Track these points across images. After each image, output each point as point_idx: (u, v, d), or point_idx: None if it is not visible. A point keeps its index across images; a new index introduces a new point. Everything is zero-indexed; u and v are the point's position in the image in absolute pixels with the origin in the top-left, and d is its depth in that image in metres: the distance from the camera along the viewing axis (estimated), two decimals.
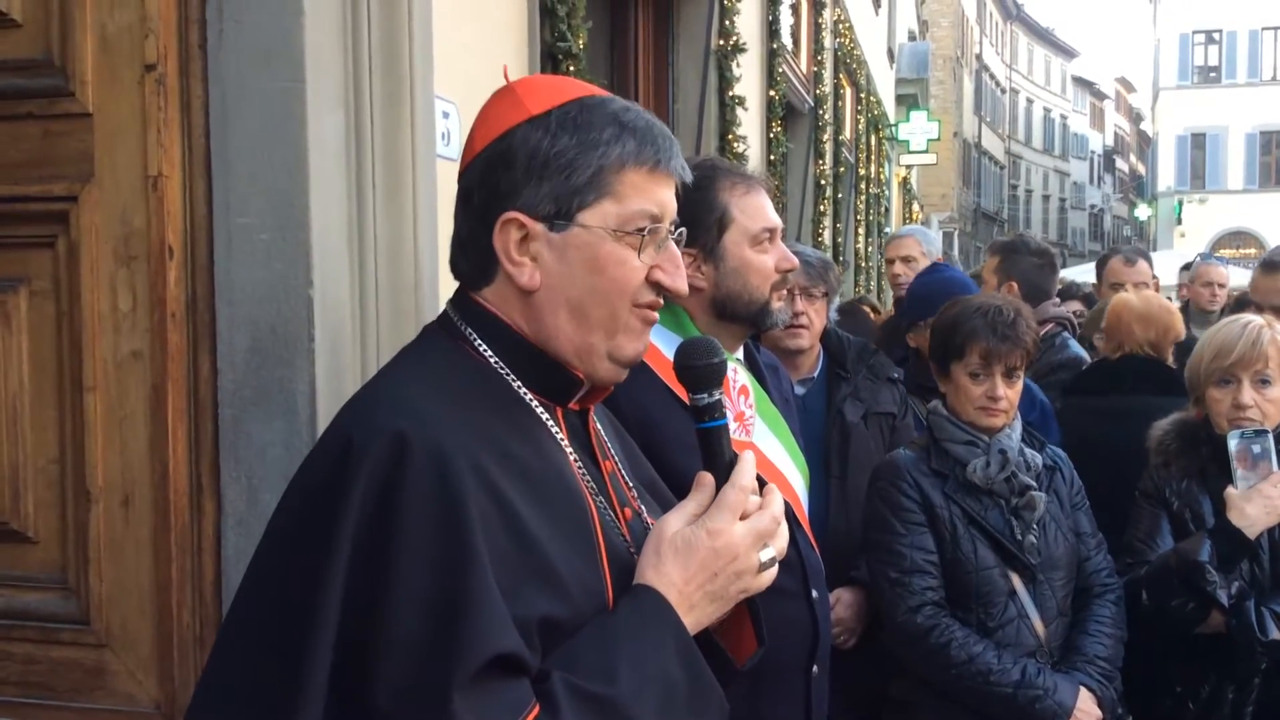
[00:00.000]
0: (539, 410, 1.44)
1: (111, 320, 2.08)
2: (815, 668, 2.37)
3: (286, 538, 1.34)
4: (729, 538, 1.36)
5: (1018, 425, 2.88)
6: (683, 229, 1.50)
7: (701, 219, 2.30)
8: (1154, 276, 5.12)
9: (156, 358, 2.06)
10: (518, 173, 1.39)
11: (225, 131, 2.05)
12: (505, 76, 1.49)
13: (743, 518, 1.38)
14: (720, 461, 1.42)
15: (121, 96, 2.07)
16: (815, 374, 3.31)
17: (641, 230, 1.41)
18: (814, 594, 2.37)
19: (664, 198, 1.44)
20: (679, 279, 1.47)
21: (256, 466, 2.06)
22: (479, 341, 1.44)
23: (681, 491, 1.47)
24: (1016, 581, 2.75)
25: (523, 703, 1.20)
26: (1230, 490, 2.83)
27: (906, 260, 5.48)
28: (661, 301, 1.48)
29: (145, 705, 2.10)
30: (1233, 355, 2.91)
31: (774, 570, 1.42)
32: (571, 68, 3.72)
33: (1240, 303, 3.54)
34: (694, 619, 1.35)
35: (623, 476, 1.56)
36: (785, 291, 2.57)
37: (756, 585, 1.40)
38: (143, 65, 2.05)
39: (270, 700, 1.23)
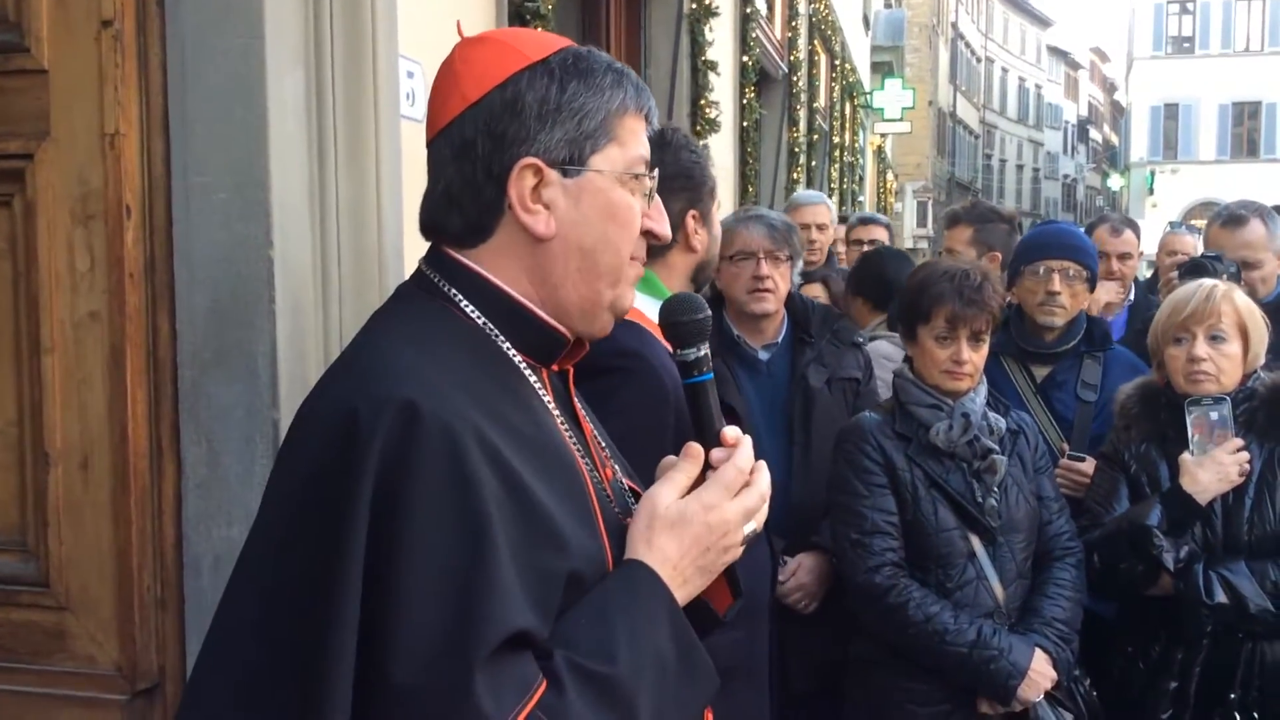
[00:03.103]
0: (527, 372, 1.42)
1: (69, 281, 2.06)
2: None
3: (294, 519, 1.28)
4: (722, 514, 1.37)
5: (982, 389, 2.90)
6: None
7: (701, 185, 2.36)
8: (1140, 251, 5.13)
9: (115, 319, 2.04)
10: (529, 119, 1.36)
11: (183, 89, 2.03)
12: (460, 32, 1.47)
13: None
14: (707, 415, 1.43)
15: (78, 53, 2.03)
16: (779, 339, 3.32)
17: (641, 175, 1.43)
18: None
19: (648, 144, 1.46)
20: (664, 225, 1.49)
21: (217, 429, 2.05)
22: (464, 302, 1.40)
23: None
24: (976, 543, 2.78)
25: (531, 680, 1.19)
26: (1185, 456, 2.86)
27: (822, 228, 5.51)
28: (645, 254, 1.48)
29: (106, 668, 2.09)
30: (1186, 310, 2.94)
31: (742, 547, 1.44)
32: (540, 28, 3.68)
33: (1198, 266, 3.54)
34: (684, 593, 1.36)
35: (599, 438, 1.56)
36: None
37: (736, 557, 1.42)
38: (99, 21, 2.02)
39: (294, 683, 1.20)
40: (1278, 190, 19.06)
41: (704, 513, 1.36)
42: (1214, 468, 2.83)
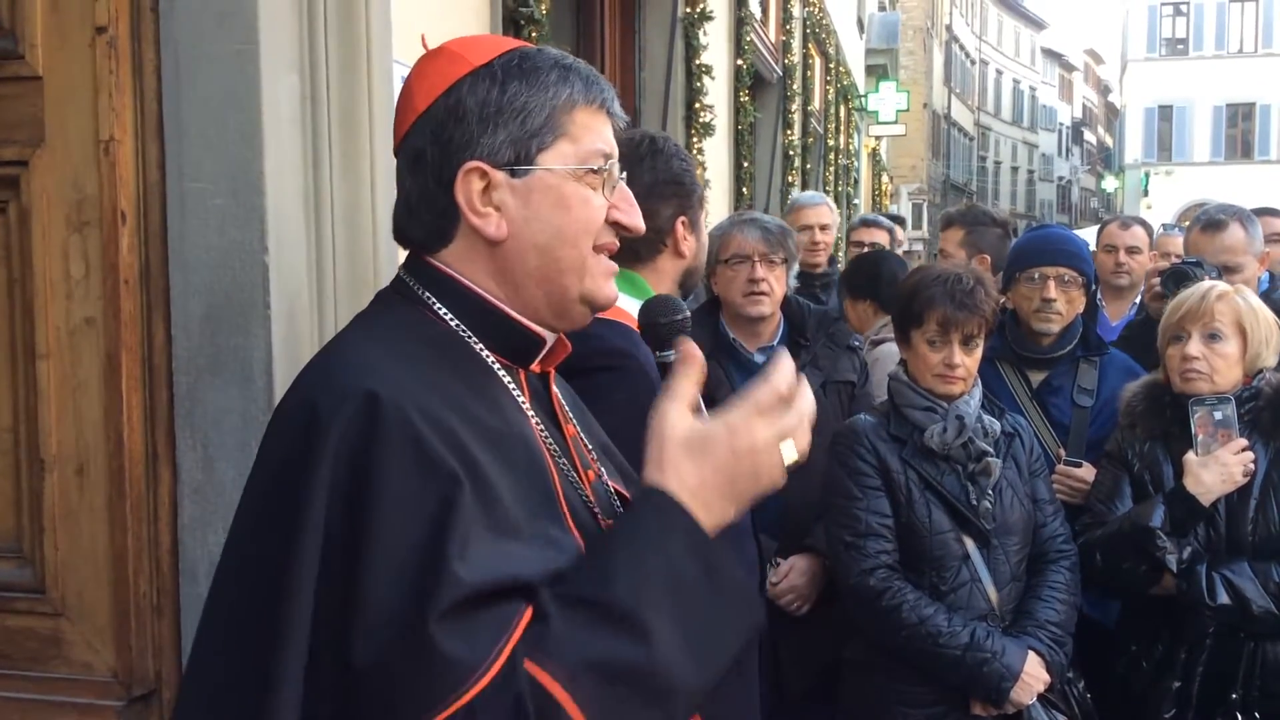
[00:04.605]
0: (501, 373, 1.43)
1: (64, 287, 2.06)
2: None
3: (258, 512, 1.31)
4: (751, 438, 1.26)
5: (977, 392, 2.90)
6: (626, 171, 1.50)
7: (691, 192, 2.41)
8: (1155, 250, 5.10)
9: (110, 325, 2.04)
10: (471, 123, 1.38)
11: (178, 95, 2.03)
12: (424, 45, 1.48)
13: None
14: None
15: (72, 59, 2.03)
16: (775, 342, 3.33)
17: (598, 169, 1.42)
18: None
19: (610, 137, 1.45)
20: (635, 217, 1.47)
21: (212, 434, 2.05)
22: (438, 305, 1.42)
23: None
24: (970, 546, 2.79)
25: (510, 617, 1.16)
26: (1189, 456, 2.87)
27: (824, 228, 5.49)
28: (617, 244, 1.48)
29: (103, 674, 2.09)
30: (1182, 310, 2.97)
31: (785, 468, 1.31)
32: (534, 34, 3.69)
33: (1178, 273, 3.56)
34: (710, 521, 1.26)
35: (583, 440, 1.56)
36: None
37: (776, 484, 1.30)
38: (93, 27, 2.02)
39: (248, 681, 1.21)
40: (1272, 191, 19.08)
41: (729, 437, 1.26)
42: (1218, 468, 2.83)
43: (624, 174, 1.49)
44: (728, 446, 1.26)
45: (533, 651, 1.15)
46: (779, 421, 1.28)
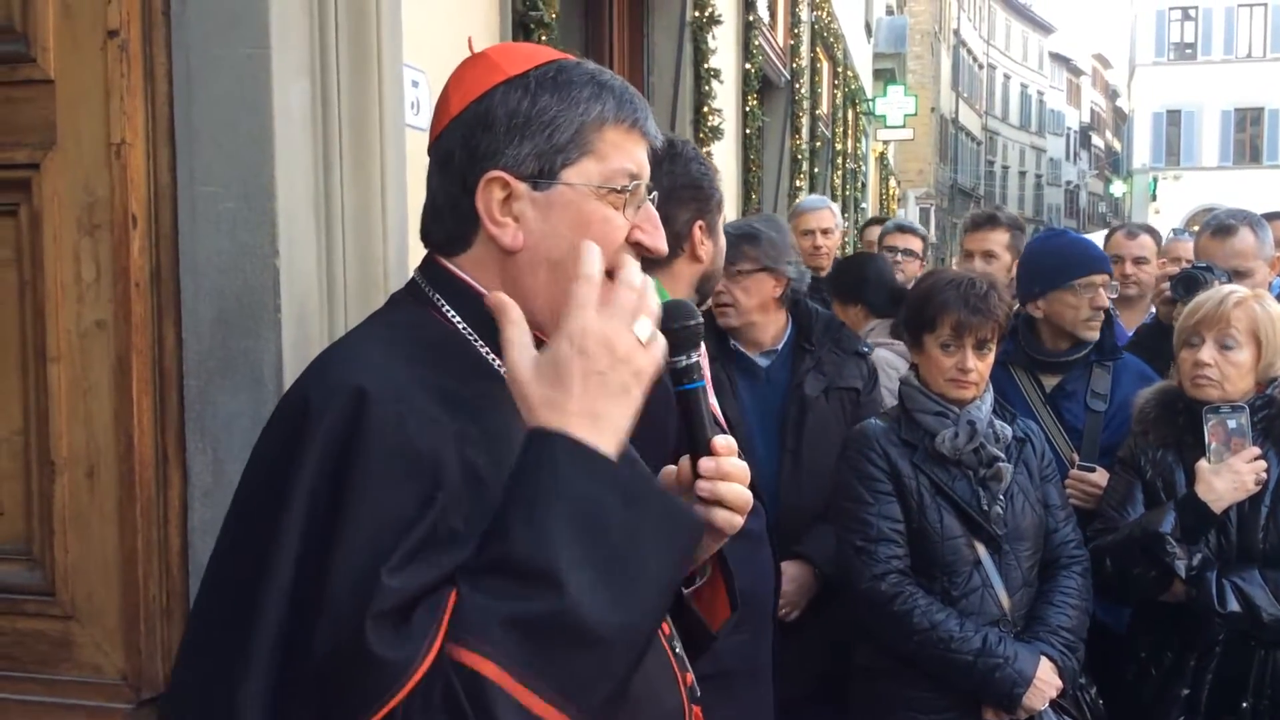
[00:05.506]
0: (505, 376, 1.43)
1: (75, 290, 2.06)
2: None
3: (247, 503, 1.33)
4: (595, 333, 1.21)
5: (989, 397, 2.90)
6: (655, 191, 1.50)
7: (710, 197, 2.40)
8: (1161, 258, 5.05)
9: (121, 328, 2.04)
10: (498, 132, 1.38)
11: (189, 99, 2.03)
12: (470, 48, 1.48)
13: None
14: (698, 423, 1.41)
15: (84, 63, 2.04)
16: (780, 346, 3.31)
17: (623, 189, 1.41)
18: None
19: (641, 157, 1.45)
20: (659, 239, 1.47)
21: (222, 437, 2.05)
22: (447, 307, 1.43)
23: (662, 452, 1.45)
24: (982, 551, 2.78)
25: (439, 611, 1.14)
26: (1201, 463, 2.86)
27: (826, 232, 5.49)
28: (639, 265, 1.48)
29: (112, 676, 2.09)
30: (1198, 315, 2.95)
31: (661, 344, 1.26)
32: (544, 37, 3.69)
33: (1189, 278, 3.55)
34: (611, 425, 1.22)
35: None
36: None
37: (648, 359, 1.25)
38: (105, 31, 2.02)
39: (221, 671, 1.22)
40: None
41: (571, 344, 1.21)
42: (1230, 476, 2.82)
43: (653, 194, 1.48)
44: (576, 352, 1.21)
45: (454, 633, 1.12)
46: (614, 305, 1.23)
